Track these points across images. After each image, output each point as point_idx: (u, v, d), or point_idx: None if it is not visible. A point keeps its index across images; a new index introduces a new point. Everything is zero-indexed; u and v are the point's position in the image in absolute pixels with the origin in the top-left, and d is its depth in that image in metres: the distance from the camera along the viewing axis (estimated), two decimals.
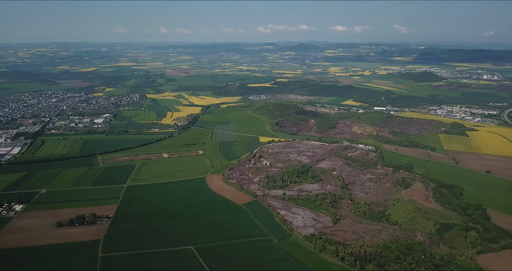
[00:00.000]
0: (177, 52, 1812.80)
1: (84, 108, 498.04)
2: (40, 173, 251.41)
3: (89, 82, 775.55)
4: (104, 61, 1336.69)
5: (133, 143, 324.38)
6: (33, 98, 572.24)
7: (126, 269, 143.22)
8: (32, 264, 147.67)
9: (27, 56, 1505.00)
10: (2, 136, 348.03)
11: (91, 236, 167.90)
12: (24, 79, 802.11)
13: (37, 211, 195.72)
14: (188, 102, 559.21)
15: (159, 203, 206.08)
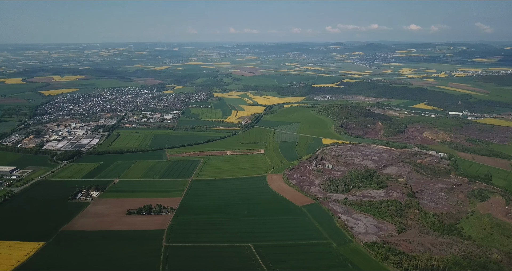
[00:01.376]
0: (244, 52, 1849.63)
1: (155, 105, 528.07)
2: (115, 163, 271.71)
3: (161, 80, 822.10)
4: (175, 60, 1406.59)
5: (199, 139, 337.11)
6: (111, 94, 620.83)
7: (186, 260, 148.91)
8: (105, 246, 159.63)
9: (107, 55, 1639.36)
10: (84, 128, 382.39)
11: (156, 226, 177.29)
12: (104, 76, 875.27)
13: (110, 199, 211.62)
14: (252, 101, 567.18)
15: (220, 198, 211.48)
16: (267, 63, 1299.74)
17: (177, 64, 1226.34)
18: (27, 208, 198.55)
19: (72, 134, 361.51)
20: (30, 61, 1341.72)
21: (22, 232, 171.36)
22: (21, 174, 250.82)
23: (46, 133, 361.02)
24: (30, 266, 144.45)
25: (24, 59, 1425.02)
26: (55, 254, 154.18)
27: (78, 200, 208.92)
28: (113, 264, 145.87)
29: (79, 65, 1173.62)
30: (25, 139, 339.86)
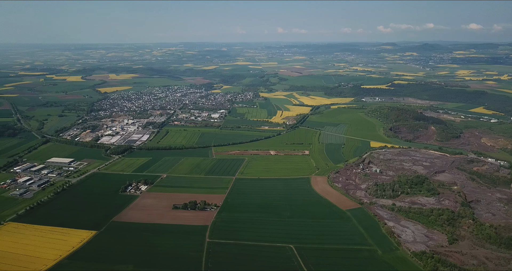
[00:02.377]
0: (292, 52, 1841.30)
1: (203, 104, 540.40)
2: (163, 159, 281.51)
3: (209, 79, 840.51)
4: (223, 60, 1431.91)
5: (244, 138, 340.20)
6: (162, 92, 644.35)
7: (228, 257, 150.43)
8: (152, 239, 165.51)
9: (159, 54, 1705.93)
10: (135, 124, 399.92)
11: (200, 221, 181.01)
12: (156, 75, 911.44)
13: (158, 193, 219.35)
14: (298, 102, 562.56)
15: (263, 197, 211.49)
16: (315, 63, 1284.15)
17: (225, 64, 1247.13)
18: (82, 198, 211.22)
19: (125, 130, 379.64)
20: (89, 60, 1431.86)
21: (77, 220, 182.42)
22: (78, 165, 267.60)
23: (101, 129, 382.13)
24: (83, 253, 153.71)
25: (84, 58, 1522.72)
26: (106, 242, 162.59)
27: (128, 192, 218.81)
28: (158, 256, 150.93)
29: (133, 64, 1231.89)
30: (82, 133, 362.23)
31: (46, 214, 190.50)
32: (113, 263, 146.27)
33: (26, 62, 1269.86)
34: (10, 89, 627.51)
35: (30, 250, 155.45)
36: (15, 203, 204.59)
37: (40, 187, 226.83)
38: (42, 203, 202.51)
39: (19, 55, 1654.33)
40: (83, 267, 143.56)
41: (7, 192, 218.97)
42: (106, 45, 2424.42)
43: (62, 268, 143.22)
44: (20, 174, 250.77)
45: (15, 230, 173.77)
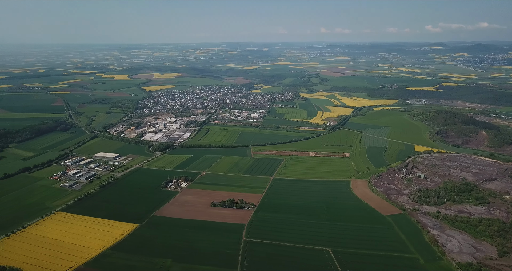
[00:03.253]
0: (334, 52, 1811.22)
1: (243, 103, 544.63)
2: (203, 157, 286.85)
3: (250, 79, 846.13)
4: (264, 60, 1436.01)
5: (283, 139, 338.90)
6: (203, 92, 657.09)
7: (264, 257, 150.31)
8: (190, 234, 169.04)
9: (202, 54, 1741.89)
10: (178, 122, 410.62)
11: (238, 220, 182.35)
12: (198, 74, 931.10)
13: (197, 190, 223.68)
14: (340, 103, 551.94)
15: (301, 199, 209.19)
16: (358, 64, 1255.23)
17: (266, 64, 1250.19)
18: (125, 192, 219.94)
19: (167, 127, 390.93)
20: (135, 59, 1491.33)
21: (120, 213, 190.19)
22: (123, 161, 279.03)
23: (145, 126, 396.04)
24: (125, 244, 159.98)
25: (131, 57, 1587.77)
26: (147, 236, 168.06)
27: (169, 188, 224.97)
28: (196, 252, 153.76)
29: (176, 63, 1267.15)
30: (128, 129, 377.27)
31: (92, 205, 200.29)
32: (153, 256, 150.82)
33: (78, 61, 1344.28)
34: (63, 87, 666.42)
35: (77, 239, 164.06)
36: (65, 194, 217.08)
37: (88, 179, 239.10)
38: (89, 195, 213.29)
39: (72, 54, 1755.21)
40: (125, 258, 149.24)
41: (58, 183, 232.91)
42: (151, 45, 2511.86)
43: (106, 258, 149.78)
44: (70, 166, 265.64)
45: (64, 219, 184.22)
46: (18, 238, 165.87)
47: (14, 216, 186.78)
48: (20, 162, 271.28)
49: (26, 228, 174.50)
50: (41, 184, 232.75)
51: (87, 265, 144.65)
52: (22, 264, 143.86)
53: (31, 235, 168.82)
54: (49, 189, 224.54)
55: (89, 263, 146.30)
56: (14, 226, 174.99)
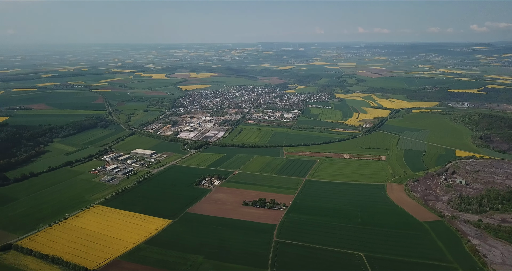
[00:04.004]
0: (372, 53, 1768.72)
1: (277, 103, 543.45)
2: (236, 156, 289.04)
3: (284, 79, 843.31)
4: (300, 60, 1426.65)
5: (316, 140, 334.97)
6: (238, 91, 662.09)
7: (295, 258, 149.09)
8: (222, 232, 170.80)
9: (238, 54, 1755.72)
10: (212, 121, 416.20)
11: (269, 220, 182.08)
12: (233, 74, 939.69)
13: (229, 188, 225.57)
14: (377, 104, 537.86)
15: (334, 201, 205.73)
16: (397, 64, 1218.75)
17: (301, 64, 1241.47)
18: (160, 188, 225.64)
19: (202, 126, 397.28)
20: (173, 59, 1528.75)
21: (155, 208, 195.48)
22: (158, 157, 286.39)
23: (181, 124, 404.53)
24: (159, 239, 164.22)
25: (168, 57, 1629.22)
26: (180, 232, 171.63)
27: (202, 186, 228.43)
28: (227, 250, 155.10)
29: (212, 63, 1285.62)
30: (164, 127, 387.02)
31: (129, 200, 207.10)
32: (186, 251, 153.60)
33: (119, 61, 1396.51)
34: (104, 85, 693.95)
35: (113, 232, 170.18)
36: (103, 188, 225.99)
37: (125, 175, 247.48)
38: (126, 190, 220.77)
39: (113, 54, 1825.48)
40: (159, 253, 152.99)
41: (97, 178, 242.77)
42: (188, 45, 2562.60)
43: (140, 251, 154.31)
44: (109, 162, 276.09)
45: (102, 212, 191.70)
46: (60, 229, 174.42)
47: (57, 208, 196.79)
48: (63, 156, 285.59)
49: (67, 219, 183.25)
50: (82, 178, 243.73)
51: (123, 258, 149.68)
52: (63, 254, 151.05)
53: (71, 226, 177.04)
54: (89, 183, 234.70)
55: (124, 255, 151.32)
56: (57, 217, 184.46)
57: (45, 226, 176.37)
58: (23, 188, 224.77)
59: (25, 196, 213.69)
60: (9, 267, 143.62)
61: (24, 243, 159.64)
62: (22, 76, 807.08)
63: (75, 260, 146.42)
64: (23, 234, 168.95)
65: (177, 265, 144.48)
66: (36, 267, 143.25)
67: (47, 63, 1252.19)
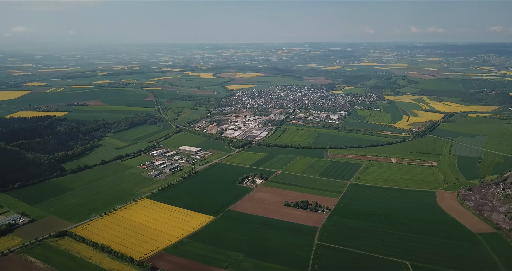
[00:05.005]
0: (425, 53, 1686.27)
1: (323, 104, 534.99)
2: (279, 156, 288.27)
3: (331, 80, 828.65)
4: (348, 60, 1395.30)
5: (363, 143, 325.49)
6: (283, 91, 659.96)
7: (336, 262, 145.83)
8: (263, 231, 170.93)
9: (284, 54, 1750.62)
10: (256, 121, 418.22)
11: (311, 222, 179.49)
12: (279, 74, 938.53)
13: (271, 188, 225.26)
14: (429, 107, 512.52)
15: (379, 207, 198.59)
16: (452, 66, 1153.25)
17: (349, 65, 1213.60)
18: (204, 185, 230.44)
19: (246, 125, 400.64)
20: (220, 58, 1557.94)
21: (199, 204, 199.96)
22: (203, 155, 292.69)
23: (226, 123, 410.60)
24: (201, 235, 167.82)
25: (216, 57, 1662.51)
26: (222, 229, 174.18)
27: (245, 184, 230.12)
28: (267, 249, 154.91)
29: (258, 63, 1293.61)
30: (209, 125, 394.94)
31: (174, 195, 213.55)
32: (227, 248, 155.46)
33: (169, 60, 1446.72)
34: (154, 83, 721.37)
35: (159, 225, 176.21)
36: (151, 182, 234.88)
37: (171, 170, 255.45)
38: (171, 185, 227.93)
39: (164, 53, 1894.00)
40: (201, 248, 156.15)
41: (145, 172, 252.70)
42: (236, 45, 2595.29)
43: (183, 246, 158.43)
44: (157, 157, 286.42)
45: (148, 206, 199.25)
46: (110, 219, 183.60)
47: (108, 199, 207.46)
48: (115, 151, 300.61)
49: (117, 211, 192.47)
50: (131, 172, 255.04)
51: (166, 250, 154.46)
52: (111, 243, 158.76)
53: (120, 217, 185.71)
54: (138, 177, 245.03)
55: (168, 248, 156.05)
56: (107, 208, 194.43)
57: (97, 216, 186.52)
58: (78, 179, 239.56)
59: (80, 186, 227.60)
60: (64, 252, 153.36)
61: (77, 231, 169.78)
62: (80, 74, 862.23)
63: (122, 250, 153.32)
64: (76, 222, 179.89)
65: (218, 261, 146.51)
66: (87, 254, 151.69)
67: (103, 62, 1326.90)
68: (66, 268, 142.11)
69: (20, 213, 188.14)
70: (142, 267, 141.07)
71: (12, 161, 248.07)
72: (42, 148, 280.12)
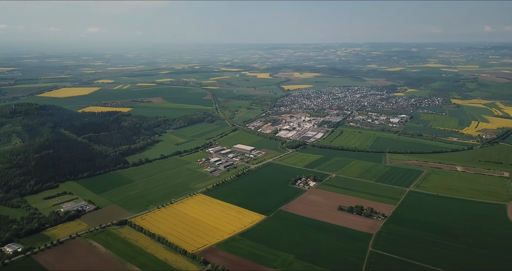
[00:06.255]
0: (500, 55, 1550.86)
1: (383, 106, 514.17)
2: (334, 159, 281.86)
3: (392, 81, 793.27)
4: (411, 61, 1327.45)
5: (425, 148, 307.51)
6: (341, 92, 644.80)
7: None
8: (314, 234, 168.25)
9: (343, 54, 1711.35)
10: (311, 122, 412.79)
11: (365, 228, 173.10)
12: (337, 75, 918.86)
13: (325, 191, 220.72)
14: (502, 113, 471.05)
15: (441, 217, 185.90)
16: None
17: (413, 66, 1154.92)
18: (257, 184, 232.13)
19: (301, 126, 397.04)
20: (277, 59, 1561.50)
21: (251, 203, 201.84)
22: (257, 154, 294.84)
23: (280, 123, 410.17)
24: (252, 233, 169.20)
25: (273, 57, 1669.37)
26: (273, 228, 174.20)
27: (297, 186, 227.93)
28: (318, 252, 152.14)
29: (316, 63, 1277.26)
30: (264, 125, 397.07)
31: (228, 192, 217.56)
32: (277, 249, 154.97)
33: (227, 60, 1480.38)
34: (213, 82, 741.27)
35: (212, 220, 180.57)
36: (206, 178, 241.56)
37: (226, 168, 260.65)
38: (225, 182, 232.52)
39: (223, 53, 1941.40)
40: (251, 246, 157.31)
41: (201, 168, 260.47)
42: (294, 45, 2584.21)
43: (234, 242, 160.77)
44: (212, 154, 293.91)
45: (203, 201, 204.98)
46: (166, 212, 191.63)
47: (165, 192, 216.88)
48: (174, 146, 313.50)
49: (173, 204, 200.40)
50: (188, 167, 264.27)
51: (218, 246, 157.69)
52: (167, 235, 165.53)
53: (176, 210, 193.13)
54: (194, 173, 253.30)
55: (220, 244, 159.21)
56: (164, 201, 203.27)
57: (154, 208, 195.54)
58: (139, 172, 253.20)
59: (140, 179, 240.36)
60: (124, 240, 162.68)
61: (136, 221, 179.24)
62: (145, 72, 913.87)
63: (177, 242, 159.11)
64: (136, 213, 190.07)
65: (267, 260, 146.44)
66: (145, 243, 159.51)
67: (166, 61, 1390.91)
68: (125, 255, 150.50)
69: (87, 200, 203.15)
70: (194, 260, 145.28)
71: (82, 152, 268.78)
72: (108, 141, 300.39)
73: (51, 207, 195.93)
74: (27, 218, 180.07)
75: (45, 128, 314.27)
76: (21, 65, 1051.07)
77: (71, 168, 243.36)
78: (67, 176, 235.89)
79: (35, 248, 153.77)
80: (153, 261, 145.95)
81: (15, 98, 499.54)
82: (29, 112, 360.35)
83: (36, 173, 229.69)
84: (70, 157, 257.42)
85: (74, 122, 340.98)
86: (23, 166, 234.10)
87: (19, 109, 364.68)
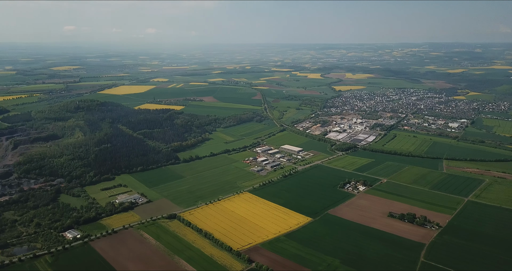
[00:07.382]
0: None
1: (441, 110, 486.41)
2: (385, 163, 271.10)
3: (452, 84, 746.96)
4: (475, 63, 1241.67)
5: (487, 156, 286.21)
6: (395, 95, 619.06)
7: None
8: (362, 240, 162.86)
9: (399, 55, 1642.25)
10: (363, 124, 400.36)
11: (417, 237, 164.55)
12: (392, 76, 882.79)
13: (375, 196, 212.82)
14: None
15: (502, 231, 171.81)
16: None
17: (476, 68, 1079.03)
18: (304, 185, 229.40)
19: (352, 128, 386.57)
20: (329, 59, 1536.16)
21: (297, 204, 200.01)
22: (305, 155, 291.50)
23: (330, 124, 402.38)
24: (298, 235, 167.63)
25: (325, 57, 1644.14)
26: (319, 231, 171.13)
27: (346, 190, 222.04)
28: (366, 259, 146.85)
29: (370, 64, 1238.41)
30: (313, 126, 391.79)
31: (274, 192, 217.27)
32: (322, 252, 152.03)
33: (278, 60, 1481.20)
34: (263, 83, 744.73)
35: (257, 220, 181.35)
36: (253, 177, 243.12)
37: (273, 168, 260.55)
38: (272, 182, 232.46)
39: (274, 53, 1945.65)
40: (296, 248, 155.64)
41: (248, 167, 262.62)
42: (347, 45, 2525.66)
43: (279, 243, 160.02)
44: (260, 154, 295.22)
45: (249, 199, 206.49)
46: (214, 208, 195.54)
47: (213, 189, 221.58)
48: (223, 144, 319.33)
49: (220, 201, 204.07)
50: (236, 166, 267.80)
51: (263, 245, 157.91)
52: (213, 231, 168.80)
53: (223, 207, 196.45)
54: (241, 171, 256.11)
55: (265, 244, 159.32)
56: (212, 197, 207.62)
57: (202, 204, 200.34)
58: (189, 168, 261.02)
59: (190, 175, 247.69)
60: (173, 233, 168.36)
61: (185, 216, 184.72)
62: (197, 72, 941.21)
63: (223, 238, 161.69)
64: (185, 207, 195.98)
65: (312, 263, 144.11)
66: (192, 238, 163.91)
67: (218, 61, 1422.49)
68: (174, 248, 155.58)
69: (140, 193, 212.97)
70: (239, 257, 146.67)
71: (137, 147, 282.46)
72: (161, 137, 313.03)
73: (107, 197, 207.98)
74: (86, 207, 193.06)
75: (105, 123, 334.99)
76: (85, 64, 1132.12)
77: (126, 161, 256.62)
78: (122, 169, 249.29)
79: (92, 236, 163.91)
80: (200, 256, 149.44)
81: (79, 94, 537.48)
82: (91, 108, 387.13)
83: (95, 165, 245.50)
84: (126, 151, 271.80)
85: (130, 119, 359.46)
86: (84, 158, 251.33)
87: (82, 105, 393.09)
